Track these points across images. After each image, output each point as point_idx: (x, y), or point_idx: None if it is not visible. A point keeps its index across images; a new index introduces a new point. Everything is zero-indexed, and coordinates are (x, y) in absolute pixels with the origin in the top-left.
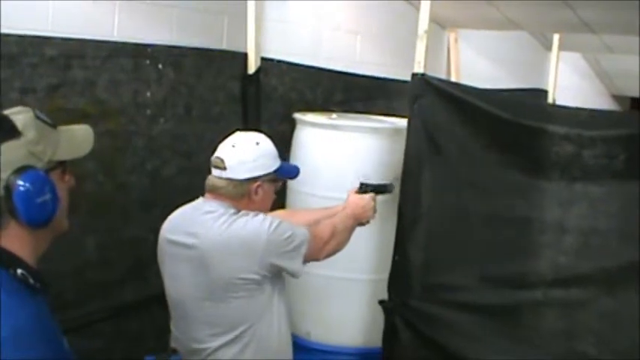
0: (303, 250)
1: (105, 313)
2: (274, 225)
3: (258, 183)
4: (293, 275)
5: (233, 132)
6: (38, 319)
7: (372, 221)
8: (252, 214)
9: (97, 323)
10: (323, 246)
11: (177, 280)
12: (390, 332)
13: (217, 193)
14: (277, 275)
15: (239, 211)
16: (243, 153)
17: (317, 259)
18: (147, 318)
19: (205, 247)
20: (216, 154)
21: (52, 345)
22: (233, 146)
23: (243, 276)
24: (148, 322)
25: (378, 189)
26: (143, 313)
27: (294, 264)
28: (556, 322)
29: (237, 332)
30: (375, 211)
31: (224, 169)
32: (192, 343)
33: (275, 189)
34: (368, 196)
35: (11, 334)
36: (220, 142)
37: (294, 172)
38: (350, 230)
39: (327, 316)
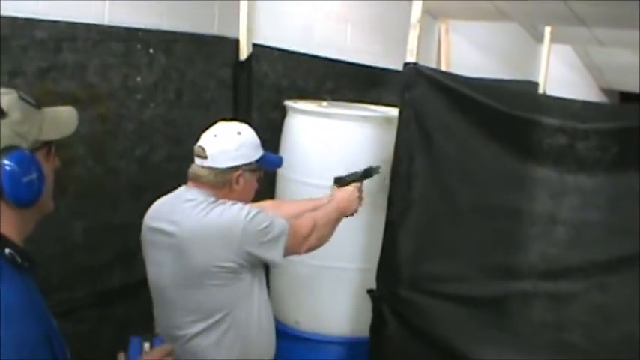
0: (282, 241)
1: (92, 297)
2: (251, 214)
3: (238, 172)
4: (271, 265)
5: (223, 118)
6: (28, 297)
7: (360, 209)
8: (230, 202)
9: (83, 308)
10: (303, 240)
11: (158, 268)
12: (377, 321)
13: (199, 181)
14: (256, 264)
15: (218, 199)
16: (225, 142)
17: (297, 253)
18: (133, 303)
19: (184, 234)
20: (199, 143)
21: (42, 322)
22: (215, 136)
23: (219, 264)
24: (135, 307)
25: (361, 176)
26: (130, 298)
27: (271, 254)
28: (545, 313)
29: (215, 319)
30: (361, 199)
31: (205, 157)
32: (173, 330)
33: (257, 179)
34: (352, 188)
35: (1, 311)
36: (210, 127)
37: (276, 163)
38: (333, 224)
39: (315, 305)
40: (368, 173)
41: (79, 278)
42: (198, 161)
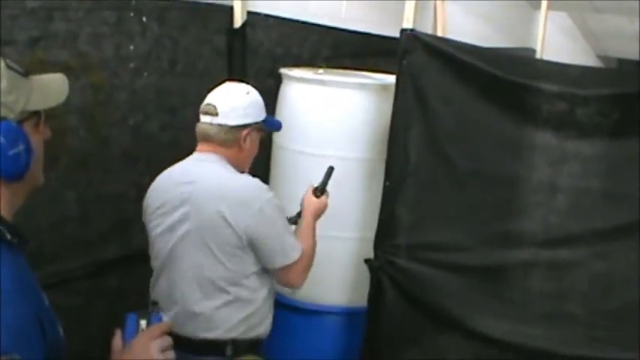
0: (288, 244)
1: (85, 269)
2: (274, 198)
3: (247, 130)
4: (267, 261)
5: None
6: (17, 276)
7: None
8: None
9: (76, 280)
10: (303, 273)
11: (169, 233)
12: (375, 291)
13: (209, 141)
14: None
15: (234, 166)
16: (235, 100)
17: (293, 286)
18: (128, 275)
19: (200, 189)
20: (207, 100)
21: (32, 302)
22: (225, 94)
23: (225, 226)
24: (129, 278)
25: (327, 182)
26: (124, 270)
27: (273, 243)
28: (544, 282)
29: (219, 289)
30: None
31: (216, 115)
32: (178, 297)
33: (260, 140)
34: (325, 199)
35: None
36: (204, 96)
37: (277, 125)
38: (314, 240)
39: (312, 275)
40: (329, 176)
41: (72, 250)
42: (207, 119)
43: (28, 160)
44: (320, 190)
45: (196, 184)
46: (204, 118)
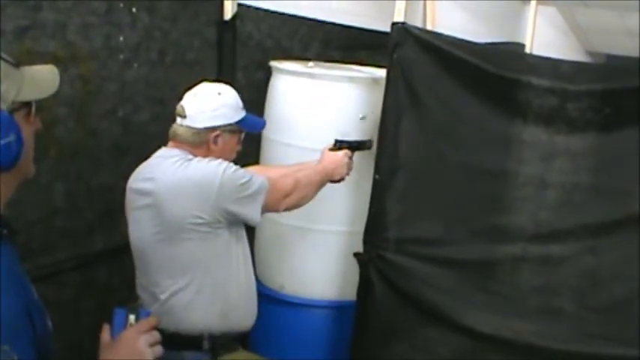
0: (260, 198)
1: (74, 261)
2: (230, 170)
3: (216, 132)
4: (249, 223)
5: (206, 79)
6: (6, 269)
7: (347, 178)
8: (209, 159)
9: (65, 272)
10: (283, 198)
11: (138, 228)
12: (364, 285)
13: (177, 140)
14: (234, 222)
15: (196, 157)
16: (204, 102)
17: (276, 211)
18: (117, 267)
19: (160, 189)
20: (180, 102)
21: (21, 293)
22: (195, 95)
23: (194, 219)
24: (118, 271)
25: (354, 145)
26: (113, 262)
27: (249, 211)
28: (534, 277)
29: (190, 276)
30: (350, 168)
31: (184, 117)
32: (152, 289)
33: (238, 140)
34: (342, 153)
35: None
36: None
37: (258, 126)
38: (316, 186)
39: (301, 269)
40: (362, 145)
41: (61, 242)
42: (178, 120)
43: (18, 150)
44: (337, 145)
45: (155, 181)
46: (177, 119)
